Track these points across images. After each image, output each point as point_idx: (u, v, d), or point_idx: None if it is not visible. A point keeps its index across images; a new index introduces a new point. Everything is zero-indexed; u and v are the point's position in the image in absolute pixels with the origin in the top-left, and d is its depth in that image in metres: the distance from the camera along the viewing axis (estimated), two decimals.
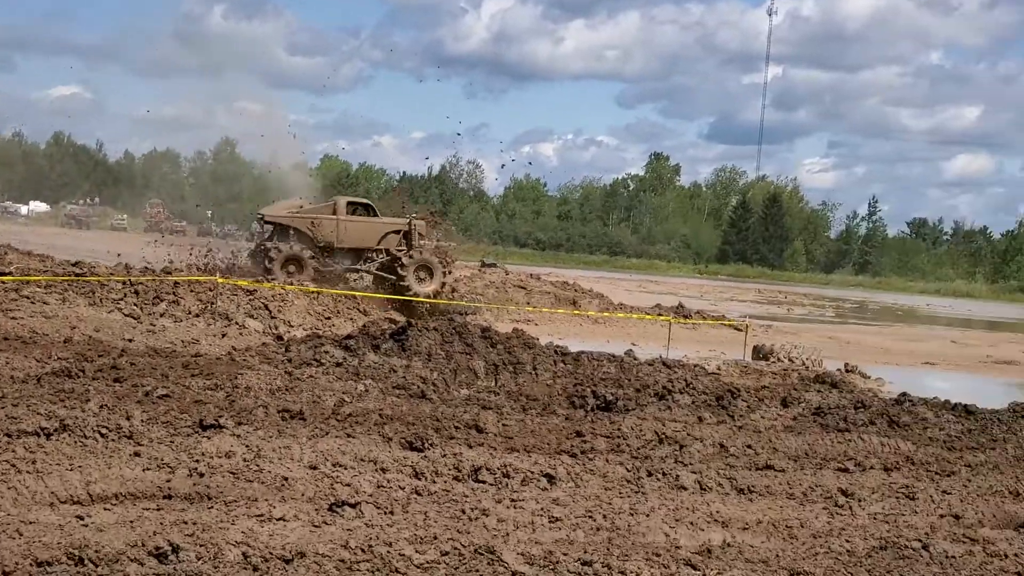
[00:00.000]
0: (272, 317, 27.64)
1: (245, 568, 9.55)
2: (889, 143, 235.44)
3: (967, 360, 39.17)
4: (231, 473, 12.28)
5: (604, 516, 12.03)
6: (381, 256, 36.66)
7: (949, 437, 18.00)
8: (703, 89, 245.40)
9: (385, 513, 11.42)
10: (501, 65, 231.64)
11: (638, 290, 69.02)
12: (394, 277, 36.28)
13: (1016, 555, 11.92)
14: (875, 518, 13.09)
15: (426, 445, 14.25)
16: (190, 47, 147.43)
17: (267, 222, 36.97)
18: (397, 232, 37.00)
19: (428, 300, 35.29)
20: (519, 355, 19.75)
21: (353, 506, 11.38)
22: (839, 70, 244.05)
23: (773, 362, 31.31)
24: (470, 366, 19.31)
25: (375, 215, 37.55)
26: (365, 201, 38.60)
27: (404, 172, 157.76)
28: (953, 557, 11.65)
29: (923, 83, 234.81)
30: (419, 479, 12.88)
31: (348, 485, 12.21)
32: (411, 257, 36.50)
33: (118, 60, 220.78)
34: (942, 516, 13.36)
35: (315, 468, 12.76)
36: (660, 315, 39.83)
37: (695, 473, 14.19)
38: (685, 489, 13.59)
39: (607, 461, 14.48)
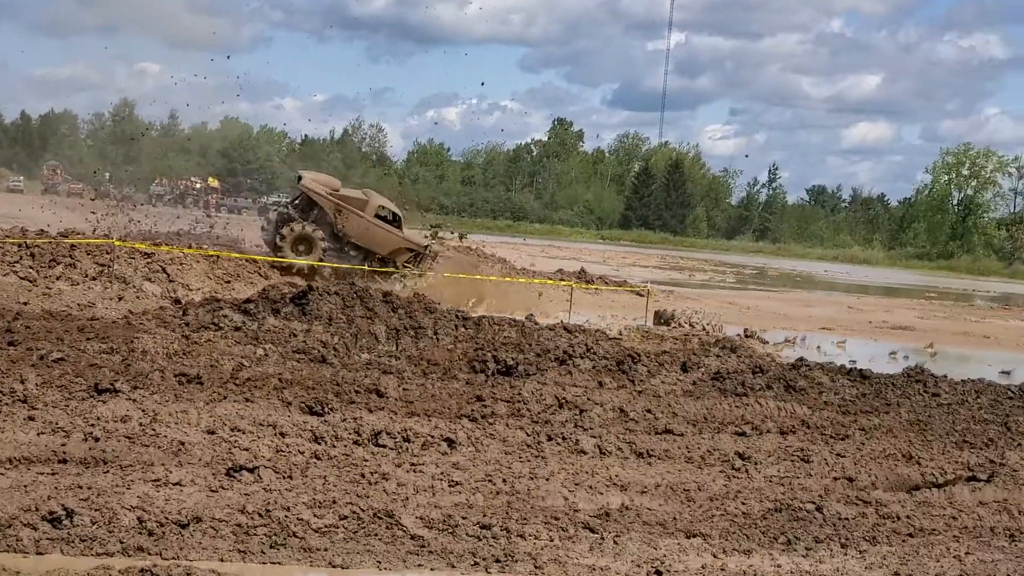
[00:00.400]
0: (171, 281, 27.32)
1: (140, 532, 9.46)
2: (790, 111, 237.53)
3: (863, 325, 39.72)
4: (127, 438, 12.14)
5: (504, 480, 12.06)
6: (387, 266, 36.12)
7: (844, 401, 18.26)
8: (607, 55, 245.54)
9: (284, 477, 11.37)
10: (405, 28, 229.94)
11: (541, 255, 69.11)
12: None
13: (908, 517, 12.13)
14: (771, 481, 13.27)
15: (326, 409, 14.19)
16: (89, 5, 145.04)
17: (301, 189, 36.31)
18: (411, 251, 36.44)
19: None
20: (420, 320, 19.70)
21: (251, 471, 11.31)
22: (741, 37, 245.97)
23: (674, 327, 31.52)
24: (371, 331, 19.22)
25: (399, 226, 36.99)
26: (395, 210, 38.00)
27: (306, 135, 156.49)
28: (846, 519, 11.85)
29: (824, 51, 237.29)
30: (319, 443, 12.83)
31: (246, 450, 12.13)
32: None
33: (14, 18, 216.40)
34: (836, 479, 13.57)
35: (213, 433, 12.66)
36: (562, 280, 39.84)
37: (595, 437, 14.27)
38: (585, 453, 13.67)
39: (507, 426, 14.51)
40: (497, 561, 9.72)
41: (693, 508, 11.90)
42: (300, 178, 36.39)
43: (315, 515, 10.23)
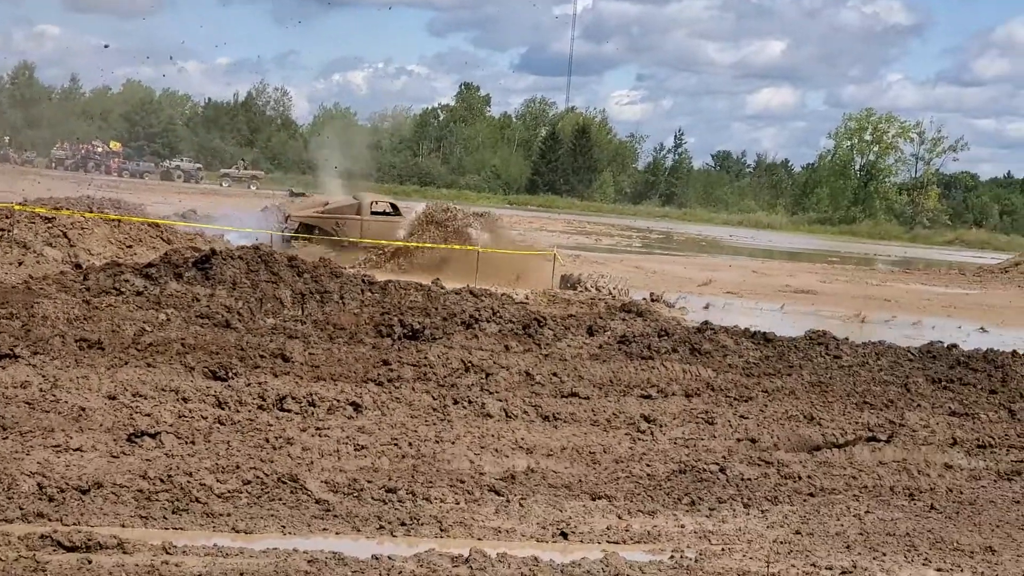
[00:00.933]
0: (72, 245, 26.86)
1: (41, 499, 9.34)
2: (695, 76, 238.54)
3: (767, 289, 40.13)
4: (26, 403, 11.97)
5: (410, 444, 12.05)
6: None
7: (748, 364, 18.42)
8: (514, 19, 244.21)
9: (186, 443, 11.26)
10: None
11: None
12: None
13: (809, 477, 12.30)
14: (675, 443, 13.37)
15: (230, 374, 14.07)
16: None
17: (294, 220, 36.30)
18: (413, 234, 36.34)
19: None
20: (326, 284, 19.56)
21: (153, 436, 11.20)
22: (648, 3, 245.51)
23: (580, 291, 31.64)
24: (276, 295, 19.06)
25: (398, 214, 36.79)
26: (390, 202, 37.93)
27: (209, 98, 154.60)
28: (749, 479, 11.98)
29: (729, 17, 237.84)
30: (222, 408, 12.72)
31: (148, 415, 12.00)
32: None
33: None
34: (739, 440, 13.70)
35: (114, 398, 12.51)
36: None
37: (501, 401, 14.29)
38: (491, 417, 13.68)
39: (413, 390, 14.48)
40: (403, 524, 9.70)
41: (598, 470, 11.97)
42: (288, 217, 36.61)
43: (218, 480, 10.14)
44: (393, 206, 37.17)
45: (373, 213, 35.95)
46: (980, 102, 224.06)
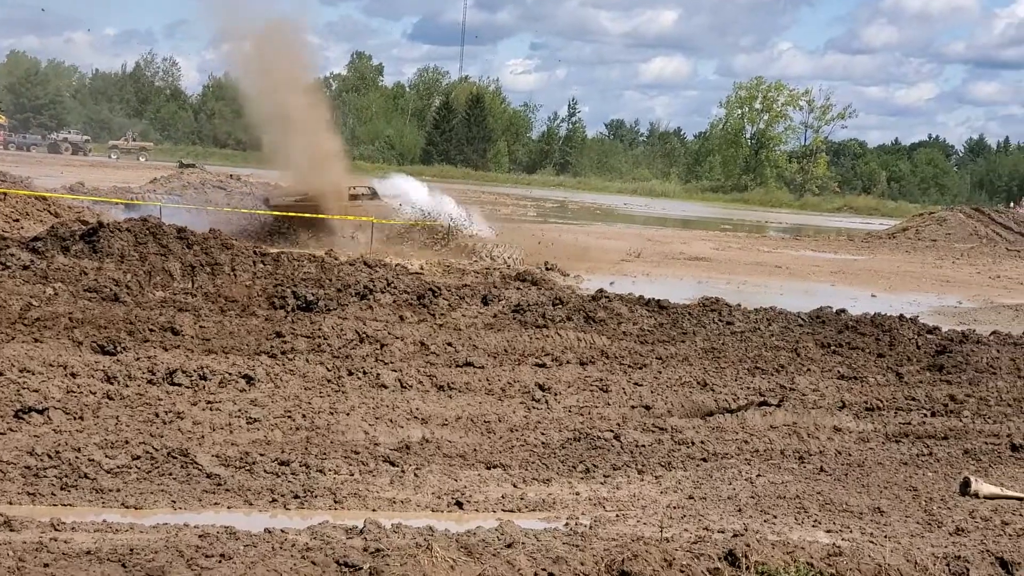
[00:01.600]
0: None
1: None
2: (589, 46, 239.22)
3: (661, 257, 40.38)
4: None
5: (303, 416, 11.98)
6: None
7: (642, 331, 18.54)
8: None
9: (74, 418, 11.10)
10: None
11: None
12: None
13: (702, 442, 12.41)
14: (570, 411, 13.43)
15: (119, 349, 13.88)
16: None
17: (272, 208, 35.75)
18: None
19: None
20: (217, 256, 19.33)
21: (40, 412, 11.02)
22: None
23: (475, 261, 31.64)
24: (165, 268, 18.80)
25: (376, 197, 36.46)
26: (367, 186, 37.64)
27: (97, 69, 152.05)
28: (643, 446, 12.06)
29: None
30: (111, 383, 12.54)
31: (35, 391, 11.79)
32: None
33: None
34: (633, 407, 13.79)
35: (0, 374, 12.26)
36: (365, 216, 39.58)
37: (396, 371, 14.24)
38: (385, 387, 13.64)
39: (307, 361, 14.39)
40: (296, 497, 9.64)
41: (493, 439, 11.98)
42: (267, 200, 36.49)
43: (107, 456, 10.00)
44: (371, 189, 37.04)
45: (352, 197, 35.78)
46: (869, 70, 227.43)
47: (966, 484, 11.07)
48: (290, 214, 34.30)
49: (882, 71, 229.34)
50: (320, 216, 33.94)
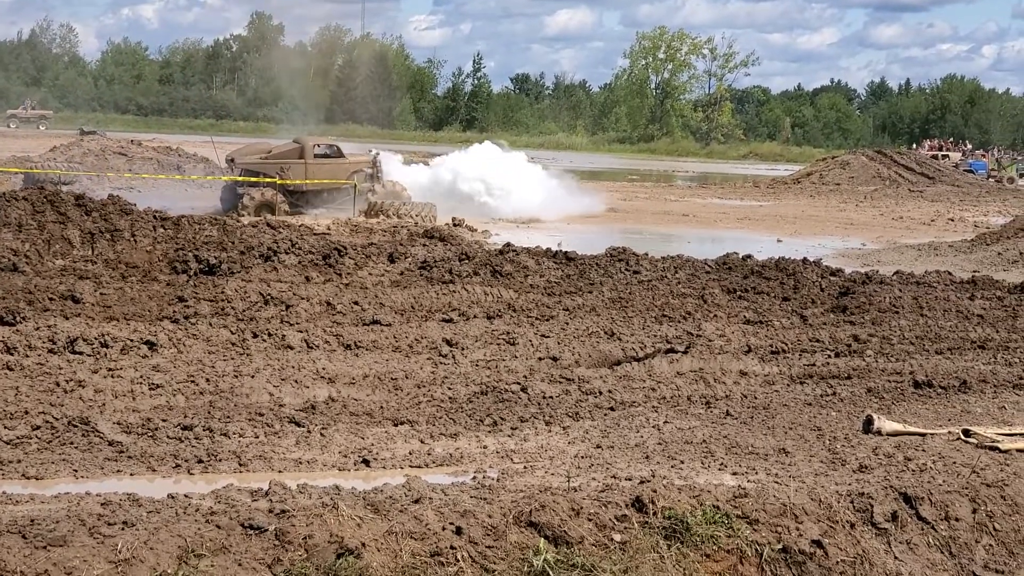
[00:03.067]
0: None
1: None
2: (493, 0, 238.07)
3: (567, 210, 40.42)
4: None
5: (207, 380, 11.86)
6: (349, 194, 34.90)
7: (549, 284, 18.57)
8: None
9: None
10: None
11: None
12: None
13: (610, 392, 12.46)
14: (477, 365, 13.42)
15: (18, 319, 13.64)
16: None
17: (238, 167, 35.08)
18: (360, 170, 35.61)
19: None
20: (116, 222, 19.03)
21: None
22: None
23: (383, 220, 31.52)
24: (64, 235, 18.51)
25: (341, 155, 35.98)
26: (331, 143, 37.24)
27: None
28: (550, 397, 12.09)
29: None
30: (11, 354, 12.32)
31: None
32: (375, 192, 35.04)
33: None
34: (541, 359, 13.81)
35: None
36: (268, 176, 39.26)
37: (302, 332, 14.14)
38: (292, 348, 13.54)
39: (211, 325, 14.25)
40: (200, 462, 9.55)
41: (400, 396, 11.95)
42: (232, 160, 36.01)
43: (6, 427, 9.85)
44: (335, 147, 36.80)
45: (316, 156, 35.53)
46: (772, 16, 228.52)
47: (869, 422, 11.20)
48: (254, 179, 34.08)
49: (784, 17, 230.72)
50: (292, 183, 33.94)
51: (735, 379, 13.30)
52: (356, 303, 16.02)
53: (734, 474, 9.76)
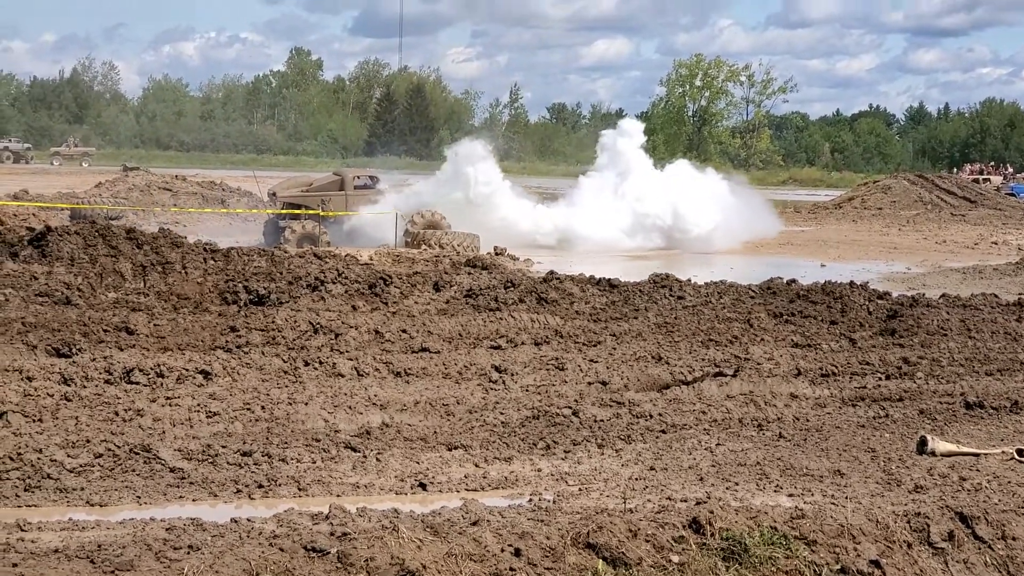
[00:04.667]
0: None
1: None
2: (529, 31, 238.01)
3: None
4: None
5: (263, 407, 11.99)
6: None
7: (595, 310, 18.62)
8: None
9: (33, 421, 11.06)
10: None
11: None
12: None
13: (660, 415, 12.51)
14: (527, 390, 13.49)
15: (74, 351, 13.83)
16: None
17: (280, 200, 35.60)
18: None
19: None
20: (167, 255, 19.24)
21: None
22: None
23: (424, 250, 31.66)
24: (116, 269, 18.71)
25: (378, 185, 36.58)
26: (370, 173, 37.74)
27: (35, 76, 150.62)
28: (602, 421, 12.15)
29: None
30: (68, 385, 12.49)
31: None
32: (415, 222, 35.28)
33: None
34: (590, 383, 13.88)
35: None
36: (310, 209, 39.54)
37: (352, 360, 14.26)
38: (342, 376, 13.66)
39: (263, 354, 14.39)
40: (260, 487, 9.66)
41: (453, 421, 12.03)
42: (274, 194, 36.23)
43: (69, 455, 9.99)
44: (373, 178, 37.22)
45: (356, 188, 35.92)
46: (810, 43, 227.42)
47: (923, 443, 11.23)
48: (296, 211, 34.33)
49: (823, 44, 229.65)
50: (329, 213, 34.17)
51: (786, 402, 13.32)
52: (404, 331, 16.12)
53: (790, 495, 9.80)
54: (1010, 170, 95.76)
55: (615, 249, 37.36)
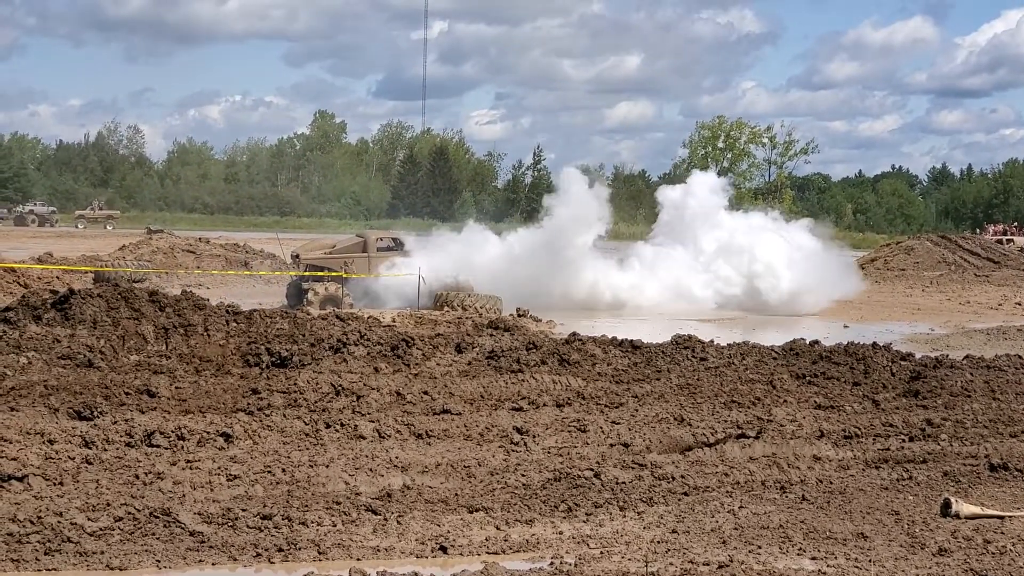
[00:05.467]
0: None
1: None
2: (553, 93, 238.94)
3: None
4: None
5: (283, 470, 11.97)
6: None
7: (617, 371, 18.59)
8: (370, 46, 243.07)
9: (54, 484, 11.07)
10: (163, 27, 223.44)
11: None
12: None
13: (682, 476, 12.45)
14: (549, 452, 13.45)
15: (95, 413, 13.85)
16: None
17: (303, 262, 35.83)
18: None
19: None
20: (189, 317, 19.29)
21: (20, 479, 11.00)
22: (503, 23, 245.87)
23: (447, 312, 31.70)
24: (139, 331, 18.76)
25: (402, 248, 36.64)
26: (393, 235, 37.96)
27: (61, 140, 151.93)
28: (623, 483, 12.10)
29: (584, 34, 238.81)
30: (89, 448, 12.51)
31: (14, 459, 11.73)
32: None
33: None
34: (612, 445, 13.83)
35: None
36: (333, 271, 39.66)
37: (373, 422, 14.25)
38: (364, 438, 13.64)
39: (285, 416, 14.38)
40: (280, 550, 9.64)
41: (474, 484, 12.00)
42: (297, 256, 36.34)
43: (89, 519, 9.98)
44: (396, 241, 37.34)
45: (379, 250, 36.07)
46: (832, 104, 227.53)
47: (947, 505, 11.14)
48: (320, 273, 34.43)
49: (845, 105, 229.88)
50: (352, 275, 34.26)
51: (809, 464, 13.25)
52: (426, 393, 16.11)
53: (813, 559, 9.74)
54: None
55: (692, 312, 36.66)
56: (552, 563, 9.49)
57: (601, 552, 9.87)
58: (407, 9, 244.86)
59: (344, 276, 34.45)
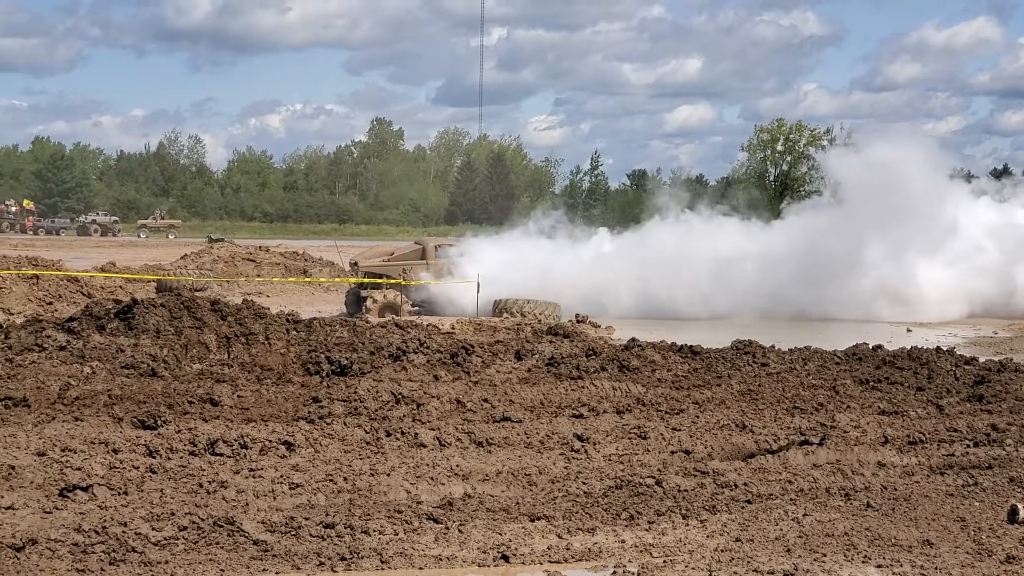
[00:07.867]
0: None
1: None
2: (613, 98, 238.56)
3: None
4: None
5: (345, 478, 12.01)
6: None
7: (677, 377, 18.51)
8: (430, 53, 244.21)
9: (119, 494, 11.15)
10: (225, 37, 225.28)
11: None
12: None
13: (745, 484, 12.37)
14: (610, 459, 13.41)
15: (159, 423, 13.95)
16: None
17: (362, 270, 36.19)
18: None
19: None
20: (250, 326, 19.39)
21: (85, 489, 11.09)
22: (563, 29, 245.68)
23: (506, 318, 31.70)
24: (201, 340, 18.88)
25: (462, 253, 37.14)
26: (450, 242, 38.35)
27: (122, 150, 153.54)
28: (686, 490, 12.03)
29: (644, 38, 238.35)
30: (153, 457, 12.60)
31: (79, 469, 11.86)
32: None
33: None
34: (673, 452, 13.77)
35: (43, 454, 12.33)
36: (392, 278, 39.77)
37: (434, 430, 14.26)
38: (424, 446, 13.65)
39: (345, 424, 14.43)
40: (343, 559, 9.66)
41: (535, 492, 11.98)
42: (356, 264, 36.66)
43: (153, 528, 10.04)
44: (454, 247, 37.59)
45: (439, 257, 36.30)
46: (895, 106, 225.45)
47: (1014, 512, 11.00)
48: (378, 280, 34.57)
49: (908, 107, 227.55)
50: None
51: (873, 470, 13.13)
52: (486, 400, 16.11)
53: (878, 567, 9.65)
54: None
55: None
56: (615, 572, 9.46)
57: (664, 561, 9.82)
58: (467, 16, 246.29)
59: (403, 284, 34.53)
